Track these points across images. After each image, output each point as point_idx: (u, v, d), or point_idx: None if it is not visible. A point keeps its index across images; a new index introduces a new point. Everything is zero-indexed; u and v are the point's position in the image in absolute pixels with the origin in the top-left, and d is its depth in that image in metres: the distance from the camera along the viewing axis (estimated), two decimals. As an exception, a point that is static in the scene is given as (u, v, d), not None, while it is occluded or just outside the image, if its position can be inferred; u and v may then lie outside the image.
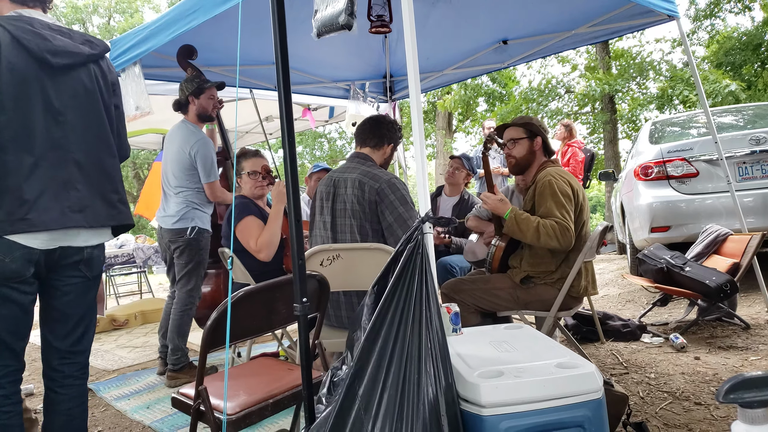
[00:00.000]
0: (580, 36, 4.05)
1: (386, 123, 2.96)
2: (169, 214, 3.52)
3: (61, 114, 1.94)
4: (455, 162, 4.53)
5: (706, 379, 2.84)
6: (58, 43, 1.95)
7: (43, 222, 1.84)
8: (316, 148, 25.37)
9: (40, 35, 1.91)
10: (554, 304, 2.75)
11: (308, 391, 1.65)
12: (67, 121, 1.95)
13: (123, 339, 5.31)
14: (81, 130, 1.99)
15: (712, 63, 13.57)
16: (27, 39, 1.87)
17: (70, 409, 2.02)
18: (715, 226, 4.12)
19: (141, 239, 7.61)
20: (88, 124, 2.01)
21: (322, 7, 1.98)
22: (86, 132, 2.01)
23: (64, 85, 1.97)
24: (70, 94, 1.97)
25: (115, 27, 23.54)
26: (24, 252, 1.82)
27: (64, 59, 1.95)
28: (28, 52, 1.87)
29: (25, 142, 1.86)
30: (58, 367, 2.01)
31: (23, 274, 1.84)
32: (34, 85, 1.89)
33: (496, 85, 16.67)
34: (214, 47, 3.80)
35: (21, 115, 1.85)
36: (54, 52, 1.92)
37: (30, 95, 1.88)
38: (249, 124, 6.90)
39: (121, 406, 3.30)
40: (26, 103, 1.87)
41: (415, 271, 1.60)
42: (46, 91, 1.91)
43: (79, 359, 2.06)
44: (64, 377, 2.02)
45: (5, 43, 1.84)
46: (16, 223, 1.80)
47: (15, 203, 1.81)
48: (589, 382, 1.47)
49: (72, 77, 1.99)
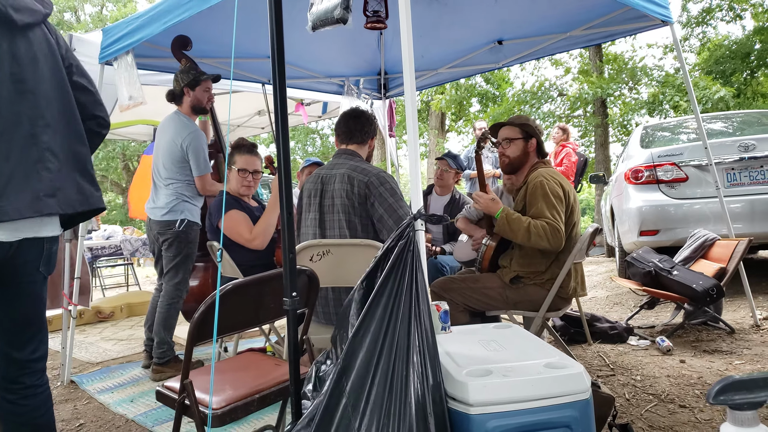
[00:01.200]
0: (575, 38, 4.06)
1: (366, 117, 2.96)
2: (159, 205, 3.49)
3: (23, 82, 1.66)
4: (442, 163, 4.52)
5: (691, 382, 2.86)
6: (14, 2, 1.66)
7: (17, 210, 1.60)
8: (309, 144, 25.32)
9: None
10: (543, 304, 2.75)
11: (296, 387, 1.64)
12: (29, 89, 1.67)
13: (108, 331, 5.26)
14: (45, 101, 1.71)
15: (703, 70, 13.70)
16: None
17: (35, 419, 1.80)
18: (703, 231, 4.16)
19: (129, 231, 7.56)
20: (51, 94, 1.74)
21: (318, 0, 1.97)
22: (50, 103, 1.73)
23: (24, 48, 1.67)
24: (30, 59, 1.68)
25: (107, 16, 23.32)
26: None
27: (27, 17, 1.67)
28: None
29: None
30: (18, 380, 1.77)
31: None
32: None
33: (489, 86, 16.71)
34: (208, 39, 3.77)
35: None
36: (16, 6, 1.64)
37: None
38: (241, 118, 6.87)
39: (104, 399, 3.27)
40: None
41: (406, 267, 1.60)
42: (9, 53, 1.63)
43: (39, 366, 1.84)
44: (25, 388, 1.78)
45: None
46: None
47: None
48: (577, 382, 1.47)
49: (30, 39, 1.70)
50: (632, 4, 3.12)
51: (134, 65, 3.42)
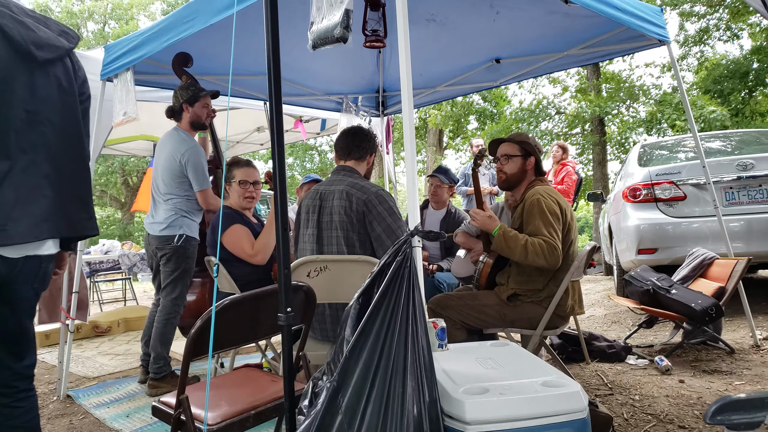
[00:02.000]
0: (572, 57, 4.10)
1: (365, 134, 2.98)
2: (158, 220, 3.49)
3: (37, 114, 1.76)
4: (434, 180, 4.52)
5: (690, 402, 2.85)
6: (42, 35, 1.78)
7: (19, 234, 1.69)
8: (307, 160, 25.40)
9: (23, 23, 1.73)
10: (540, 322, 2.75)
11: (290, 403, 1.63)
12: (41, 121, 1.77)
13: (105, 346, 5.23)
14: (54, 133, 1.81)
15: (701, 89, 13.81)
16: (10, 27, 1.69)
17: (28, 421, 1.89)
18: (702, 250, 4.15)
19: (127, 246, 7.55)
20: (61, 127, 1.84)
21: (318, 19, 1.99)
22: (59, 134, 1.83)
23: (42, 81, 1.79)
24: (47, 92, 1.80)
25: (109, 33, 23.52)
26: None
27: (48, 53, 1.78)
28: (10, 43, 1.70)
29: (1, 144, 1.69)
30: (12, 384, 1.87)
31: None
32: (17, 83, 1.71)
33: (487, 103, 16.83)
34: (208, 56, 3.81)
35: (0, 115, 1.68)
36: (39, 44, 1.75)
37: (11, 91, 1.71)
38: (241, 134, 6.90)
39: (100, 414, 3.24)
40: (5, 101, 1.69)
41: (403, 284, 1.60)
42: (24, 88, 1.74)
43: (30, 372, 1.93)
44: (18, 392, 1.87)
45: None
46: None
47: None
48: (574, 401, 1.47)
49: (49, 73, 1.81)
50: (629, 24, 3.16)
51: (132, 82, 3.44)
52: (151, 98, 4.25)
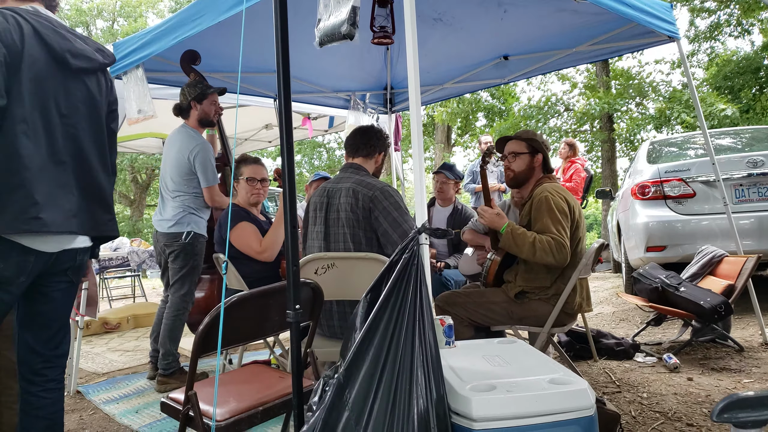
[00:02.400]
0: (581, 54, 4.07)
1: (375, 132, 2.99)
2: (166, 218, 3.51)
3: (68, 117, 1.91)
4: (440, 177, 4.52)
5: (699, 400, 2.84)
6: (78, 46, 1.93)
7: (54, 223, 1.80)
8: (315, 158, 25.43)
9: (60, 34, 1.88)
10: (548, 319, 2.74)
11: (298, 399, 1.64)
12: (72, 124, 1.92)
13: (114, 342, 5.27)
14: (81, 138, 1.95)
15: (711, 86, 13.69)
16: (48, 36, 1.84)
17: (53, 414, 1.98)
18: (711, 248, 4.13)
19: (136, 243, 7.59)
20: (88, 133, 1.98)
21: (325, 16, 1.99)
22: (87, 139, 1.97)
23: (75, 89, 1.93)
24: (78, 100, 1.94)
25: (118, 31, 23.62)
26: (20, 260, 1.77)
27: (82, 63, 1.93)
28: (48, 50, 1.84)
29: (36, 139, 1.80)
30: (41, 372, 1.96)
31: (14, 281, 1.79)
32: (51, 84, 1.85)
33: (495, 100, 16.76)
34: (216, 54, 3.82)
35: (36, 112, 1.80)
36: (74, 53, 1.90)
37: (46, 93, 1.84)
38: (249, 131, 6.91)
39: (109, 409, 3.27)
40: (42, 101, 1.82)
41: (410, 281, 1.60)
42: (59, 91, 1.88)
43: (61, 362, 2.04)
44: (47, 381, 1.97)
45: (28, 36, 1.78)
46: (30, 221, 1.74)
47: (27, 201, 1.75)
48: (581, 398, 1.46)
49: (82, 83, 1.96)
50: (638, 20, 3.14)
51: (144, 79, 3.46)
52: (160, 95, 4.26)
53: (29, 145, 1.77)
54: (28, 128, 1.78)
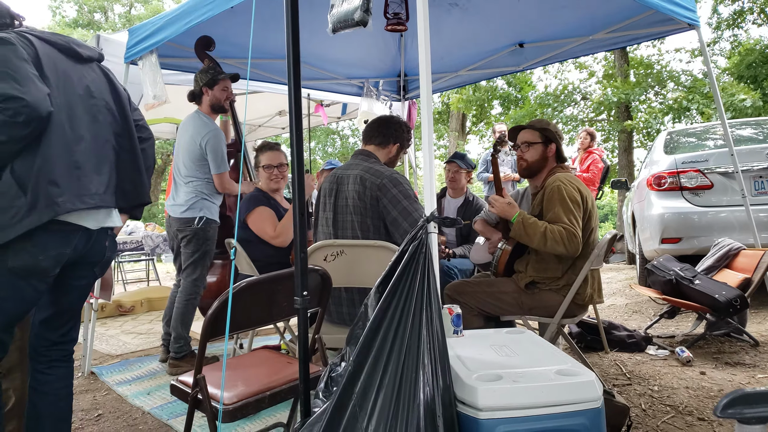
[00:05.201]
0: (598, 42, 4.01)
1: (394, 123, 2.96)
2: (178, 203, 3.54)
3: (96, 99, 2.01)
4: (452, 166, 4.49)
5: (711, 394, 2.81)
6: (77, 41, 2.05)
7: (103, 199, 1.93)
8: (329, 145, 25.41)
9: (59, 35, 2.00)
10: (558, 310, 2.72)
11: (305, 385, 1.64)
12: (103, 106, 2.03)
13: (128, 325, 5.34)
14: (113, 116, 2.06)
15: (733, 75, 13.42)
16: (49, 37, 1.94)
17: (57, 390, 2.03)
18: (728, 240, 4.07)
19: (150, 227, 7.67)
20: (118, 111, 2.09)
21: (338, 2, 1.97)
22: (118, 118, 2.08)
23: (92, 74, 2.04)
24: (100, 84, 2.05)
25: (135, 16, 23.70)
26: (58, 253, 1.84)
27: (87, 51, 2.05)
28: (56, 47, 1.94)
29: (77, 124, 1.90)
30: (45, 353, 2.03)
31: (50, 273, 1.86)
32: (72, 73, 1.95)
33: (511, 88, 16.60)
34: (229, 40, 3.81)
35: (66, 98, 1.89)
36: (78, 44, 2.01)
37: (70, 82, 1.93)
38: (262, 118, 6.92)
39: (122, 390, 3.32)
40: (69, 89, 1.91)
41: (418, 270, 1.59)
42: (81, 78, 1.98)
43: (67, 347, 2.10)
44: (50, 361, 2.04)
45: (34, 40, 1.86)
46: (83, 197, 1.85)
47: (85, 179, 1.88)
48: (588, 390, 1.45)
49: (92, 69, 2.07)
50: (658, 6, 3.07)
51: (158, 65, 3.47)
52: (175, 81, 4.28)
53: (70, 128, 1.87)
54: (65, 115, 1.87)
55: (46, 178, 1.77)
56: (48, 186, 1.77)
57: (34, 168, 1.76)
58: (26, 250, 1.77)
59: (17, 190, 1.74)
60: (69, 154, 1.85)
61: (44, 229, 1.77)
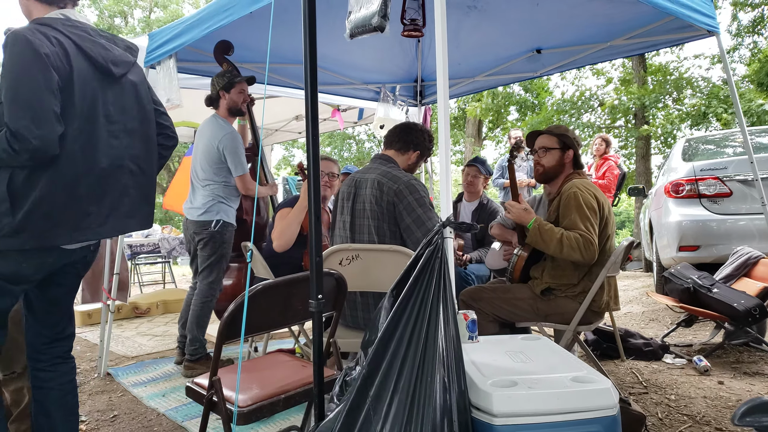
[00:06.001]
0: (616, 48, 3.99)
1: (417, 130, 2.95)
2: (196, 206, 3.57)
3: (117, 123, 1.99)
4: (471, 170, 4.49)
5: (729, 404, 2.77)
6: (116, 53, 2.00)
7: (97, 234, 1.93)
8: (345, 149, 25.47)
9: (100, 45, 1.95)
10: (574, 317, 2.70)
11: (319, 389, 1.65)
12: (122, 129, 2.00)
13: (144, 327, 5.39)
14: (133, 138, 2.05)
15: (753, 82, 13.25)
16: (90, 48, 1.90)
17: (62, 385, 2.05)
18: (747, 249, 4.01)
19: (167, 230, 7.73)
20: (139, 132, 2.07)
21: (356, 8, 1.99)
22: (137, 140, 2.06)
23: (119, 94, 2.01)
24: (124, 103, 2.03)
25: (154, 20, 24.00)
26: (40, 261, 1.84)
27: (122, 69, 2.01)
28: (92, 63, 1.90)
29: (92, 152, 1.89)
30: (47, 351, 2.04)
31: (30, 279, 1.86)
32: (99, 96, 1.92)
33: (528, 94, 16.53)
34: (248, 44, 3.85)
35: (89, 126, 1.88)
36: (115, 62, 1.98)
37: (96, 105, 1.91)
38: (279, 122, 6.96)
39: (137, 392, 3.35)
40: (93, 114, 1.89)
41: (433, 275, 1.59)
42: (107, 100, 1.95)
43: (65, 344, 2.10)
44: (53, 357, 2.05)
45: (73, 54, 1.84)
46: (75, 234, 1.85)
47: (81, 215, 1.86)
48: (603, 398, 1.44)
49: (124, 85, 2.04)
50: (677, 13, 3.05)
51: (175, 69, 3.51)
52: (193, 85, 4.33)
53: (84, 160, 1.86)
54: (82, 145, 1.85)
55: (42, 209, 1.77)
56: (41, 219, 1.77)
57: (32, 196, 1.75)
58: (8, 256, 1.78)
59: (8, 207, 1.73)
60: (74, 186, 1.84)
61: None
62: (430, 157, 3.09)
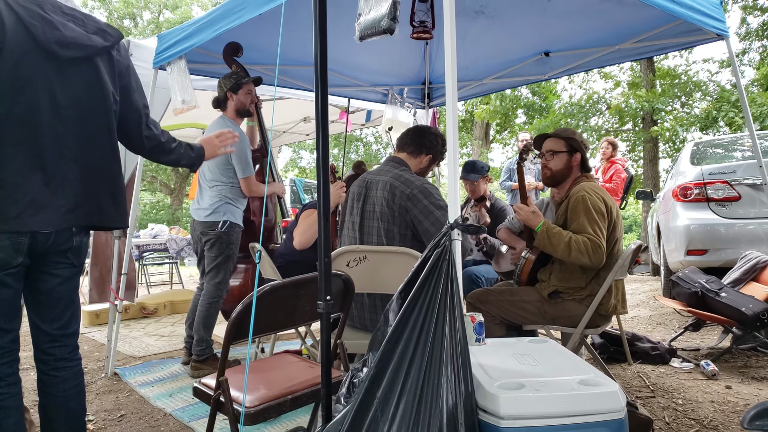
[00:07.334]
0: (625, 51, 3.98)
1: (430, 134, 2.95)
2: (203, 207, 3.58)
3: (66, 108, 1.84)
4: (465, 183, 4.44)
5: (737, 409, 2.75)
6: (69, 34, 1.81)
7: (35, 222, 1.78)
8: (352, 151, 25.50)
9: (50, 22, 1.77)
10: (582, 320, 2.70)
11: (326, 390, 1.65)
12: (71, 116, 1.86)
13: (151, 327, 5.42)
14: (84, 127, 1.90)
15: (762, 86, 13.18)
16: (34, 25, 1.74)
17: (65, 391, 1.97)
18: (756, 253, 4.00)
19: (175, 230, 7.77)
20: (91, 121, 1.92)
21: (366, 10, 2.00)
22: (89, 129, 1.91)
23: (72, 78, 1.85)
24: (77, 88, 1.87)
25: (163, 21, 24.13)
26: (12, 242, 1.76)
27: (74, 52, 1.83)
28: (34, 40, 1.74)
29: (28, 136, 1.77)
30: (49, 351, 1.96)
31: (10, 263, 1.78)
32: (39, 77, 1.77)
33: (536, 97, 16.51)
34: (257, 46, 3.87)
35: (24, 109, 1.75)
36: (63, 43, 1.79)
37: (35, 88, 1.77)
38: (288, 124, 6.99)
39: (144, 392, 3.37)
40: (30, 96, 1.76)
41: (441, 277, 1.60)
42: (52, 83, 1.81)
43: (69, 342, 2.01)
44: (56, 360, 1.97)
45: (10, 26, 1.70)
46: (9, 221, 1.74)
47: (9, 201, 1.74)
48: (611, 401, 1.44)
49: (81, 70, 1.88)
50: (685, 17, 3.04)
51: (187, 70, 3.53)
52: (202, 87, 4.34)
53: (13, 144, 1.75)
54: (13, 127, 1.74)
55: None
56: None
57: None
58: None
59: None
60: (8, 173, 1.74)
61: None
62: (442, 161, 3.08)
